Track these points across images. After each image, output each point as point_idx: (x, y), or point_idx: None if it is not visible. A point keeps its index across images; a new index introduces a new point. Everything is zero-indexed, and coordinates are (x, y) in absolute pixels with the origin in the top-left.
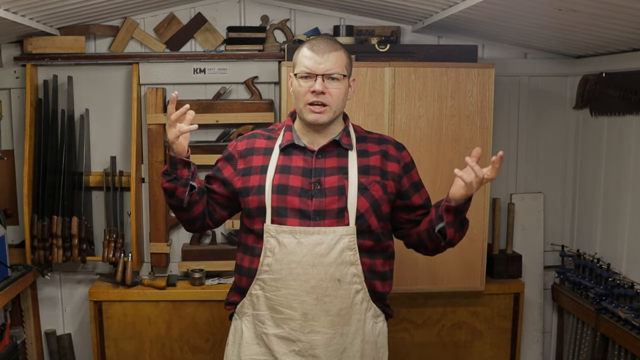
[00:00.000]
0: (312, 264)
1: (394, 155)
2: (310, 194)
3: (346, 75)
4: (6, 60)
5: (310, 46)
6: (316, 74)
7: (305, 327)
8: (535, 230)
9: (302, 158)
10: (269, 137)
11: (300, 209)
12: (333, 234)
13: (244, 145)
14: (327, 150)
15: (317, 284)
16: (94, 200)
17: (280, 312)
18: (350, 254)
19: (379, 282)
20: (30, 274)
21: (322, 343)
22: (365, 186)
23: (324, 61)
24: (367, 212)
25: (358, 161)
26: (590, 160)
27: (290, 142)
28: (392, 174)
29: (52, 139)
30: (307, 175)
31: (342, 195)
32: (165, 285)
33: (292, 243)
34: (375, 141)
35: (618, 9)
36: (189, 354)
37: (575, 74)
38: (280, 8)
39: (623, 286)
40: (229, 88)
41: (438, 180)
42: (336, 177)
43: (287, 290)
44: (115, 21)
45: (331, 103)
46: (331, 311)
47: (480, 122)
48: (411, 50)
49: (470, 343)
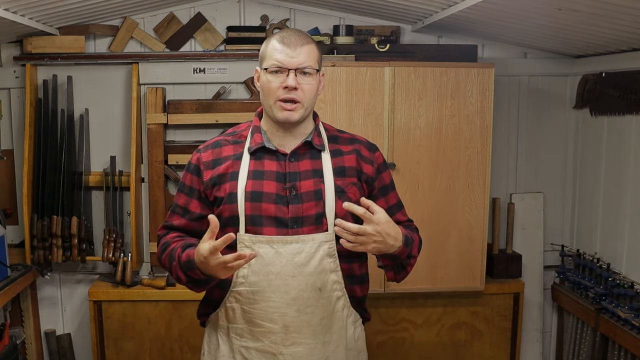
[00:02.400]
0: (292, 275)
1: (368, 156)
2: (286, 200)
3: (318, 70)
4: (6, 60)
5: (281, 39)
6: (288, 69)
7: (287, 339)
8: (535, 230)
9: (275, 162)
10: (235, 142)
11: (277, 217)
12: (312, 242)
13: (210, 157)
14: (300, 153)
15: (298, 295)
16: (94, 200)
17: (260, 325)
18: (331, 261)
19: (358, 287)
20: (30, 274)
21: (304, 354)
22: (343, 189)
23: (297, 55)
24: (345, 217)
25: (333, 162)
26: (590, 160)
27: (260, 146)
28: (367, 176)
29: (52, 139)
30: (282, 181)
31: (320, 200)
32: (165, 285)
33: (270, 253)
34: (348, 141)
35: (618, 9)
36: (189, 354)
37: (575, 74)
38: (280, 8)
39: (623, 286)
40: (229, 88)
41: (438, 180)
42: (312, 181)
43: (266, 304)
44: (115, 21)
45: (303, 100)
46: (313, 322)
47: (480, 122)
48: (411, 50)
49: (470, 343)
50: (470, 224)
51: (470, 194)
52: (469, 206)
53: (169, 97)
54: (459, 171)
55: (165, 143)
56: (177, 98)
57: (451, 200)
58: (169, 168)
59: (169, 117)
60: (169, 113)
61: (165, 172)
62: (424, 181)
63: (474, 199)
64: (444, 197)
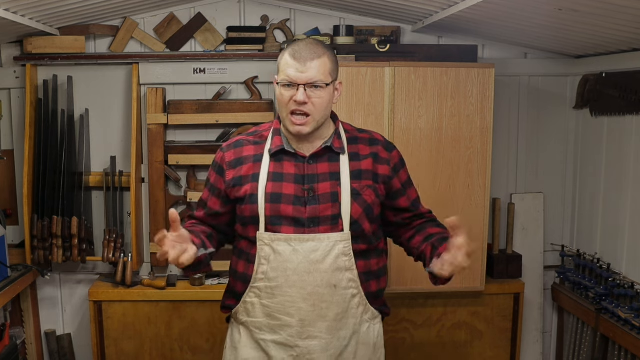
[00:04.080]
0: (308, 271)
1: (385, 157)
2: (303, 201)
3: (330, 82)
4: (6, 60)
5: (292, 52)
6: (298, 84)
7: (303, 333)
8: (535, 230)
9: (294, 164)
10: (255, 143)
11: (294, 217)
12: (328, 241)
13: (232, 156)
14: (319, 155)
15: (313, 291)
16: (94, 200)
17: (277, 319)
18: (346, 259)
19: (374, 282)
20: (30, 274)
21: (319, 348)
22: (358, 191)
23: (307, 70)
24: (360, 218)
25: (350, 165)
26: (590, 160)
27: (280, 148)
28: (383, 176)
29: (52, 139)
30: (300, 182)
31: (336, 202)
32: (165, 285)
33: (287, 251)
34: (367, 142)
35: (618, 9)
36: (189, 354)
37: (575, 74)
38: (280, 8)
39: (623, 286)
40: (229, 88)
41: (438, 180)
42: (329, 183)
43: (283, 298)
44: (115, 21)
45: (314, 113)
46: (328, 317)
47: (480, 122)
48: (411, 50)
49: (470, 343)
50: (470, 224)
51: (470, 194)
52: (469, 206)
53: (169, 97)
54: (459, 171)
55: (165, 143)
56: (177, 98)
57: (451, 200)
58: (169, 168)
59: (169, 117)
60: (169, 113)
61: (165, 172)
62: (424, 181)
63: (474, 199)
64: (444, 197)
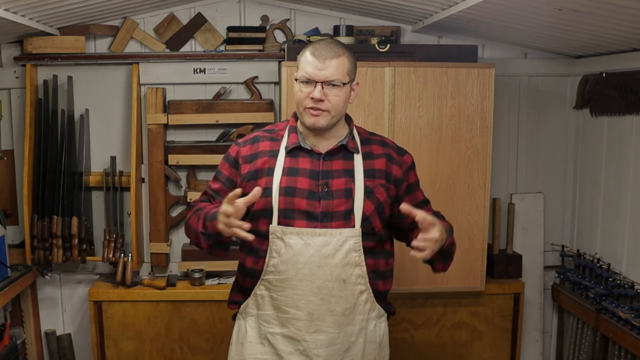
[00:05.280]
0: (319, 265)
1: (396, 159)
2: (317, 195)
3: (347, 82)
4: (6, 60)
5: (313, 50)
6: (316, 81)
7: (311, 326)
8: (535, 230)
9: (309, 160)
10: (272, 139)
11: (308, 211)
12: (339, 236)
13: (248, 151)
14: (334, 153)
15: (322, 284)
16: (94, 200)
17: (286, 311)
18: (356, 255)
19: (381, 282)
20: (30, 274)
21: (326, 342)
22: (371, 189)
23: (325, 68)
24: (372, 215)
25: (364, 164)
26: (590, 160)
27: (296, 145)
28: (395, 177)
29: (52, 139)
30: (315, 178)
31: (349, 198)
32: (165, 285)
33: (299, 244)
34: (379, 143)
35: (618, 9)
36: (189, 354)
37: (575, 74)
38: (280, 8)
39: (623, 286)
40: (229, 88)
41: (438, 180)
42: (343, 179)
43: (293, 291)
44: (115, 21)
45: (330, 109)
46: (336, 311)
47: (480, 122)
48: (411, 50)
49: (470, 343)
50: (470, 224)
51: (470, 194)
52: (469, 206)
53: (169, 97)
54: (459, 171)
55: (165, 143)
56: (177, 98)
57: (451, 200)
58: (169, 168)
59: (169, 117)
60: (169, 113)
61: (165, 172)
62: (423, 181)
63: (474, 199)
64: (444, 197)
